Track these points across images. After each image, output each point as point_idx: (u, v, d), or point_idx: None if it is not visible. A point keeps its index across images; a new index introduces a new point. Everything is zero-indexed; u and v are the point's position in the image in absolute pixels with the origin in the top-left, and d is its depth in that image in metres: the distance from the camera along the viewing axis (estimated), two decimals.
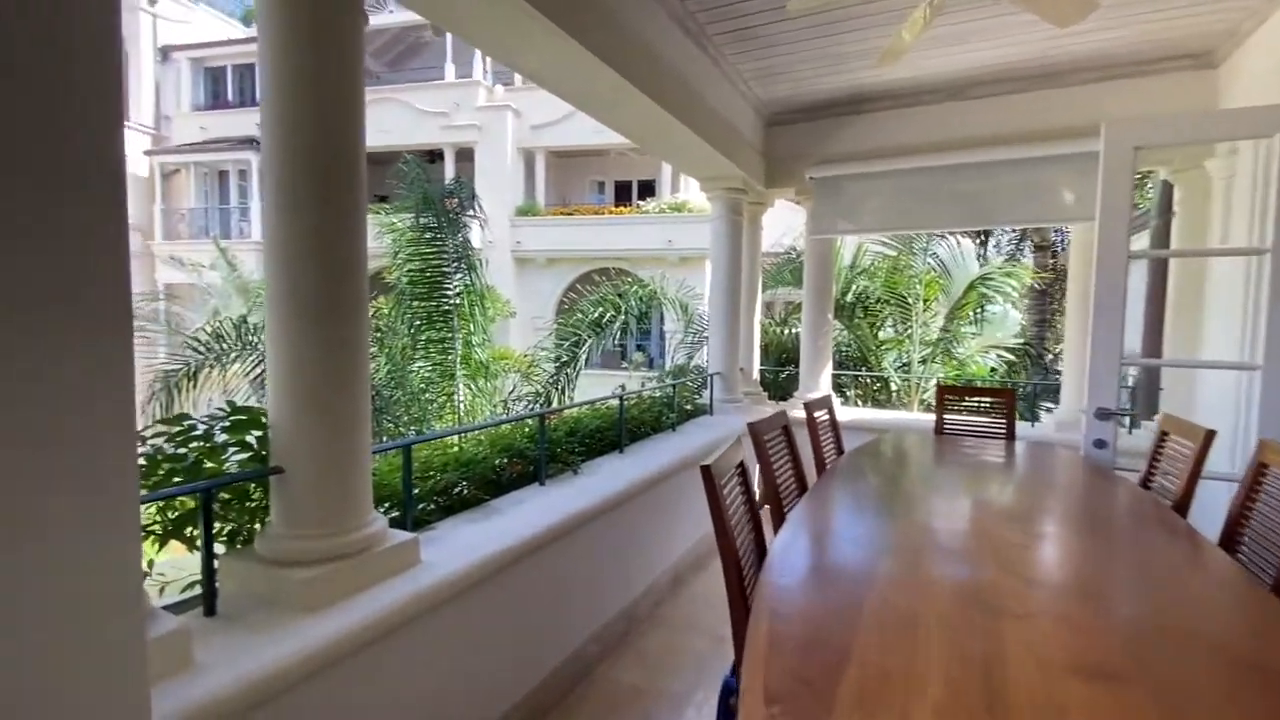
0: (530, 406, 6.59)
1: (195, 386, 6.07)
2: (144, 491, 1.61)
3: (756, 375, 5.23)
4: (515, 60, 2.76)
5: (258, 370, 6.10)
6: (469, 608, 1.93)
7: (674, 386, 4.24)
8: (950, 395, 3.64)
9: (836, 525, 1.99)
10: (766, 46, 3.61)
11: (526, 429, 3.08)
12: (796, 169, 4.75)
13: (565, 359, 6.83)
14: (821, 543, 1.85)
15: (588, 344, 6.74)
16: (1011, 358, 6.85)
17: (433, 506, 2.38)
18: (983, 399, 3.60)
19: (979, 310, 6.63)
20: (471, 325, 6.33)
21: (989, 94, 4.16)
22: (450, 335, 6.34)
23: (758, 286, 5.25)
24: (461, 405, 6.35)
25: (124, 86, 15.67)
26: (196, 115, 16.21)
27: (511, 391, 6.87)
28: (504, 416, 5.56)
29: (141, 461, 1.65)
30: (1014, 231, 9.18)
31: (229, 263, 10.17)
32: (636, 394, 4.18)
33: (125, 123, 15.52)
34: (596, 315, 6.94)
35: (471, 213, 6.38)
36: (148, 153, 15.66)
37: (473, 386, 6.52)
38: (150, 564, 1.74)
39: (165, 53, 16.25)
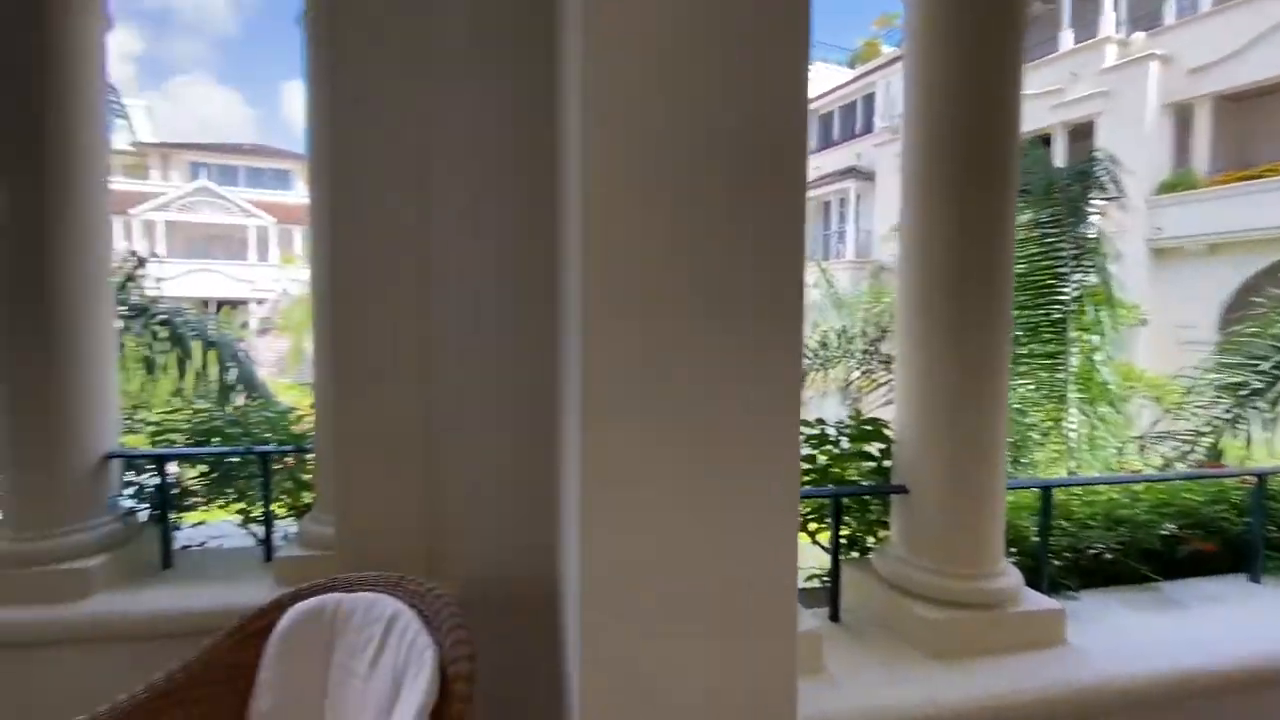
0: (1184, 452, 4.77)
1: (803, 388, 7.11)
2: None
3: None
4: None
5: (850, 376, 6.62)
6: None
7: None
8: None
9: None
10: None
11: (1211, 488, 2.12)
12: None
13: (1255, 386, 4.66)
14: None
15: None
16: None
17: (1059, 563, 1.88)
18: None
19: None
20: (1095, 337, 5.07)
21: None
22: (1061, 349, 5.26)
23: None
24: (1073, 435, 5.17)
25: None
26: (811, 158, 19.38)
27: (1154, 425, 5.16)
28: (1194, 471, 3.85)
29: None
30: None
31: (828, 281, 11.58)
32: None
33: None
34: None
35: (1114, 194, 5.10)
36: None
37: (1090, 413, 5.21)
38: None
39: None
